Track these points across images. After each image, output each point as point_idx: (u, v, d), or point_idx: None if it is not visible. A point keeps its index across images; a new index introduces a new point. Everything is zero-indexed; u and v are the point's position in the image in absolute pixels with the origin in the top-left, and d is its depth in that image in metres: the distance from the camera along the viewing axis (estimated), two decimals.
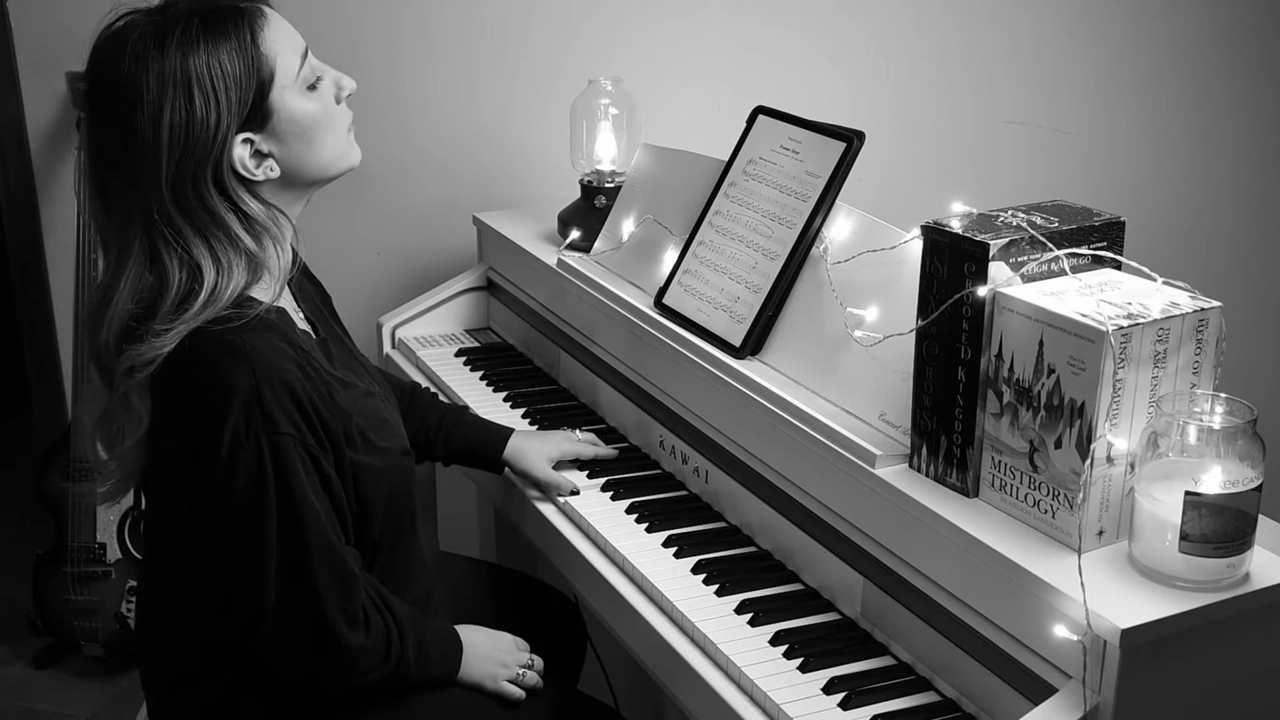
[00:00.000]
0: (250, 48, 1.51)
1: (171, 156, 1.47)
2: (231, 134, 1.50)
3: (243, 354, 1.48)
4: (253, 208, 1.53)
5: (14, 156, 2.81)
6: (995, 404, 1.48)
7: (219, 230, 1.51)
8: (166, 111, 1.46)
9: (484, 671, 1.73)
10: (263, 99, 1.52)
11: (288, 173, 1.57)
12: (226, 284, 1.50)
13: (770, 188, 1.95)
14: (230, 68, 1.49)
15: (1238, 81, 3.39)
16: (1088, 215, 1.53)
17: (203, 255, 1.49)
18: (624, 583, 1.78)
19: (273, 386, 1.48)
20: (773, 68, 3.00)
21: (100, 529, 2.79)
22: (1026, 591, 1.38)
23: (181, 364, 1.50)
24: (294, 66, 1.55)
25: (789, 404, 1.73)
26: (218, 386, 1.47)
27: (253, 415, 1.47)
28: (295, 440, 1.50)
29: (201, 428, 1.48)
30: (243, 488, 1.48)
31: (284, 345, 1.53)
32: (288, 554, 1.51)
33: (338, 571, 1.54)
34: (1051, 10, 3.18)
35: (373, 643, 1.58)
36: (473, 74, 2.86)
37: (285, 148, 1.56)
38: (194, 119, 1.47)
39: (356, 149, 1.66)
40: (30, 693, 2.86)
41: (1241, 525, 1.34)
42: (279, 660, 1.57)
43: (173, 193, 1.48)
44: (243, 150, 1.52)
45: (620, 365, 2.13)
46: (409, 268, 2.91)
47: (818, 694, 1.53)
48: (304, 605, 1.52)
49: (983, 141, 3.22)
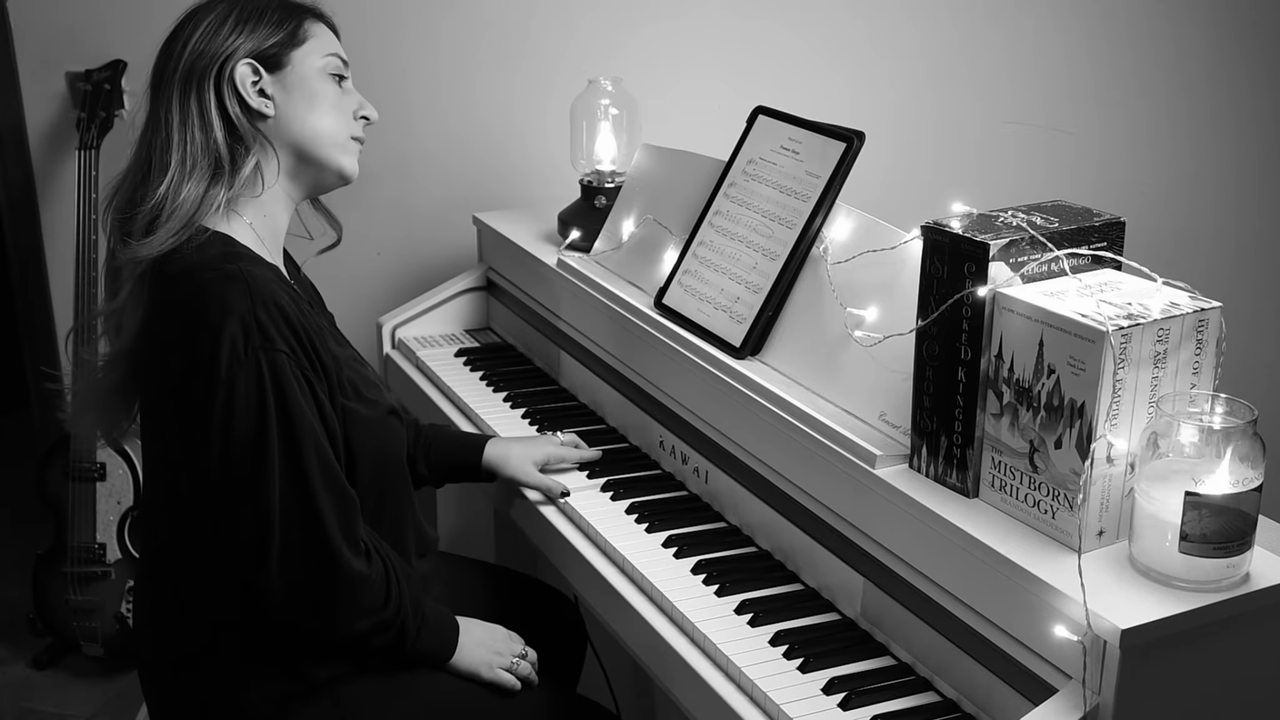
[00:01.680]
0: (296, 16, 1.72)
1: (189, 59, 1.65)
2: (241, 53, 1.66)
3: (238, 278, 1.56)
4: (239, 117, 1.66)
5: (14, 156, 2.81)
6: (995, 404, 1.48)
7: (201, 129, 1.64)
8: (201, 28, 1.67)
9: (480, 659, 1.75)
10: (284, 49, 1.69)
11: (281, 122, 1.69)
12: (187, 185, 1.61)
13: (770, 188, 1.95)
14: (270, 15, 1.70)
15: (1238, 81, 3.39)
16: (1088, 215, 1.53)
17: (175, 150, 1.63)
18: (624, 583, 1.78)
19: (267, 308, 1.56)
20: (772, 68, 3.00)
21: (100, 529, 2.79)
22: (1026, 592, 1.38)
23: (177, 282, 1.58)
24: (324, 50, 1.73)
25: (789, 404, 1.73)
26: (213, 305, 1.55)
27: (250, 332, 1.54)
28: (290, 359, 1.56)
29: (197, 347, 1.54)
30: (243, 406, 1.54)
31: (279, 281, 1.62)
32: (288, 470, 1.55)
33: (336, 490, 1.59)
34: (1052, 10, 3.18)
35: (374, 574, 1.62)
36: (473, 74, 2.86)
37: (287, 98, 1.69)
38: (220, 34, 1.66)
39: (354, 161, 1.77)
40: (30, 693, 2.86)
41: (1241, 525, 1.34)
42: (283, 592, 1.58)
43: (181, 90, 1.64)
44: (245, 70, 1.66)
45: (620, 365, 2.13)
46: (409, 268, 2.91)
47: (818, 694, 1.53)
48: (307, 524, 1.56)
49: (983, 141, 3.22)
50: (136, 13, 2.71)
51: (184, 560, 1.67)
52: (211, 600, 1.64)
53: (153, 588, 1.72)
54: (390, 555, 1.68)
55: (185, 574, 1.67)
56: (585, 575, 1.84)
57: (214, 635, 1.64)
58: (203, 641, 1.65)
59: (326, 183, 1.76)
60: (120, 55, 2.73)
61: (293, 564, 1.57)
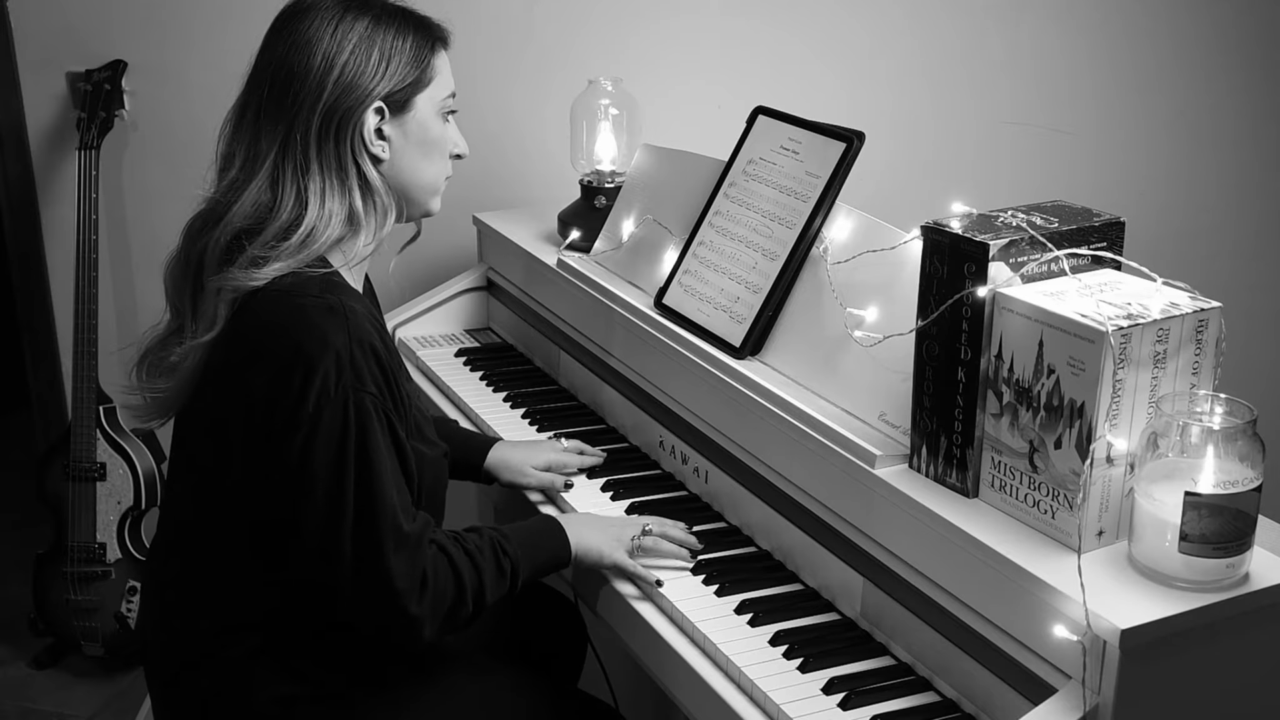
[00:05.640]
0: (427, 50, 1.67)
1: (334, 93, 1.59)
2: (376, 97, 1.61)
3: (339, 313, 1.54)
4: (371, 173, 1.63)
5: (14, 156, 2.81)
6: (995, 404, 1.48)
7: (340, 176, 1.60)
8: (346, 54, 1.60)
9: (595, 544, 1.75)
10: (414, 91, 1.65)
11: (394, 168, 1.66)
12: (324, 228, 1.59)
13: (770, 188, 1.95)
14: (408, 50, 1.64)
15: (1238, 82, 3.39)
16: (1087, 215, 1.54)
17: (314, 193, 1.58)
18: (623, 583, 1.77)
19: (363, 348, 1.54)
20: (772, 68, 3.00)
21: (100, 529, 2.79)
22: (1026, 592, 1.39)
23: (275, 303, 1.55)
24: (444, 92, 1.70)
25: (789, 404, 1.73)
26: (314, 338, 1.52)
27: (344, 370, 1.52)
28: (376, 400, 1.54)
29: (288, 375, 1.51)
30: (323, 443, 1.51)
31: (371, 319, 1.60)
32: (358, 512, 1.52)
33: (398, 534, 1.54)
34: (1051, 10, 3.18)
35: (427, 610, 1.57)
36: (473, 74, 2.86)
37: (405, 143, 1.66)
38: (364, 70, 1.61)
39: (439, 201, 1.75)
40: (30, 693, 2.86)
41: (1241, 525, 1.34)
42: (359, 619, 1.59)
43: (320, 125, 1.59)
44: (373, 119, 1.62)
45: (620, 365, 2.13)
46: (409, 268, 2.91)
47: (817, 694, 1.53)
48: (373, 572, 1.53)
49: (983, 141, 3.22)
50: (137, 13, 2.71)
51: (203, 563, 1.64)
52: (224, 605, 1.62)
53: (161, 589, 1.71)
54: (443, 542, 1.62)
55: (202, 577, 1.64)
56: (584, 575, 1.84)
57: (223, 638, 1.63)
58: (211, 644, 1.64)
59: (410, 219, 1.75)
60: (120, 55, 2.72)
61: (361, 597, 1.55)
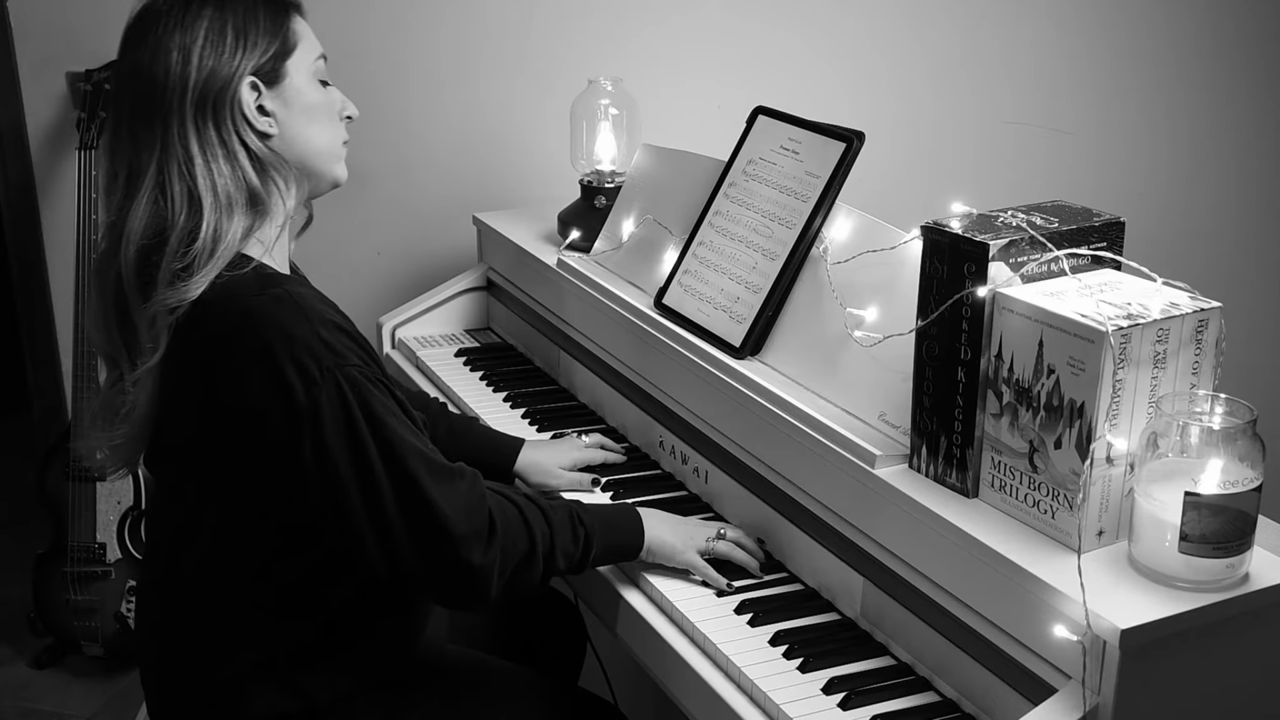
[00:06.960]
0: (283, 17, 1.62)
1: (199, 80, 1.54)
2: (245, 74, 1.57)
3: (288, 301, 1.50)
4: (261, 149, 1.59)
5: (14, 156, 2.81)
6: (995, 404, 1.48)
7: (229, 160, 1.56)
8: (200, 41, 1.55)
9: (669, 541, 1.74)
10: (281, 59, 1.61)
11: (284, 140, 1.62)
12: (228, 221, 1.54)
13: (770, 188, 1.95)
14: (261, 21, 1.59)
15: (1238, 82, 3.39)
16: (1087, 215, 1.54)
17: (205, 188, 1.54)
18: (624, 583, 1.77)
19: (327, 326, 1.50)
20: (772, 68, 3.01)
21: (100, 529, 2.79)
22: (1026, 592, 1.39)
23: (223, 312, 1.51)
24: (312, 55, 1.65)
25: (789, 404, 1.73)
26: (277, 333, 1.48)
27: (320, 354, 1.48)
28: (364, 370, 1.51)
29: (267, 381, 1.47)
30: (332, 432, 1.48)
31: (319, 296, 1.56)
32: (393, 480, 1.50)
33: (444, 477, 1.53)
34: (1051, 11, 3.18)
35: (494, 560, 1.55)
36: (473, 74, 2.86)
37: (288, 113, 1.62)
38: (223, 50, 1.56)
39: (344, 167, 1.71)
40: (30, 693, 2.86)
41: (1241, 525, 1.34)
42: (423, 581, 1.55)
43: (195, 114, 1.54)
44: (250, 95, 1.58)
45: (620, 365, 2.13)
46: (409, 268, 2.91)
47: (817, 694, 1.53)
48: (426, 523, 1.51)
49: (983, 141, 3.22)
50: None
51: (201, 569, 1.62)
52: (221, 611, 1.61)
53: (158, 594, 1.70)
54: (514, 496, 1.62)
55: (201, 583, 1.62)
56: (584, 575, 1.83)
57: (220, 646, 1.61)
58: (208, 652, 1.63)
59: (319, 192, 1.70)
60: None
61: (423, 559, 1.52)
